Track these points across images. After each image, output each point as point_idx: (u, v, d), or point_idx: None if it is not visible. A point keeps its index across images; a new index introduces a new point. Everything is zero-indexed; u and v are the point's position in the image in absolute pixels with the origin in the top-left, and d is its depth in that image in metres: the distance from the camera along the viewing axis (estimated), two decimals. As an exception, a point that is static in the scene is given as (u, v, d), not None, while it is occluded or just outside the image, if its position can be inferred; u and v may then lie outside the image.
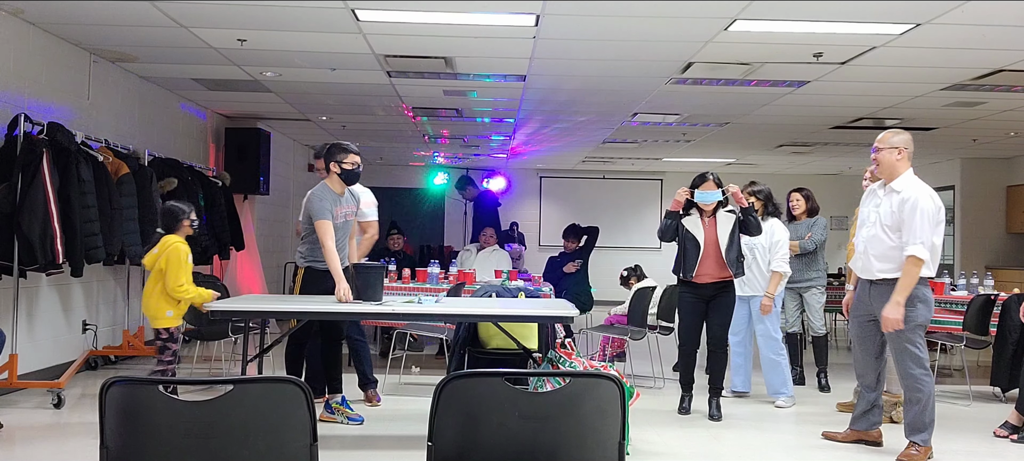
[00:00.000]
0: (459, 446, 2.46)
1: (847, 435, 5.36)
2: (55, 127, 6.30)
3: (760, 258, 6.67)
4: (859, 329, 5.22)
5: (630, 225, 17.19)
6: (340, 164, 5.49)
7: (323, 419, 5.65)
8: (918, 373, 4.89)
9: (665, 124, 10.76)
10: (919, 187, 4.95)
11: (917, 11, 5.80)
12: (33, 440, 5.29)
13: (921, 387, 4.88)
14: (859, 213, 5.31)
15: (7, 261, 6.08)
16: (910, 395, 4.94)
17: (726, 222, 6.03)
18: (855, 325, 5.26)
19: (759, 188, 6.86)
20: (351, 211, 5.63)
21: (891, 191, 5.01)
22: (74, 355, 7.16)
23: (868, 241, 5.05)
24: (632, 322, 7.63)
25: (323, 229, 5.34)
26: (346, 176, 5.50)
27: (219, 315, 5.08)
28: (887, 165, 5.02)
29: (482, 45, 6.99)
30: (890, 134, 5.08)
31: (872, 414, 5.28)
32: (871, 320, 5.11)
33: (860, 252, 5.11)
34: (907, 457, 4.91)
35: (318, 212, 5.39)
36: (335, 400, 5.71)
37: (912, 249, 4.80)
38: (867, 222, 5.11)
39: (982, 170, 13.80)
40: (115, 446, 2.30)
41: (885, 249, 4.96)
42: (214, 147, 10.55)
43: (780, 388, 6.69)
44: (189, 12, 6.15)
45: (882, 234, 4.98)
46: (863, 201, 5.27)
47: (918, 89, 8.32)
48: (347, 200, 5.62)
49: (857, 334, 5.26)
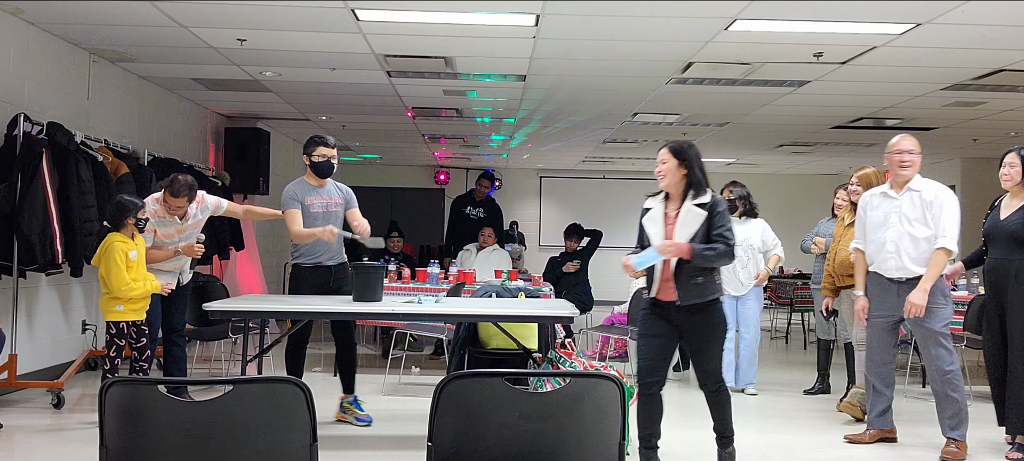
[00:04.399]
0: (459, 446, 2.46)
1: (873, 435, 5.40)
2: (55, 127, 6.30)
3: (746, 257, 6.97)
4: (878, 330, 5.26)
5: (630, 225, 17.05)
6: (310, 156, 5.58)
7: (339, 418, 5.73)
8: (953, 370, 5.00)
9: (665, 124, 10.76)
10: (941, 185, 5.15)
11: (917, 11, 5.80)
12: (33, 440, 5.28)
13: (957, 384, 5.00)
14: (867, 219, 5.28)
15: (7, 261, 6.07)
16: (946, 392, 5.01)
17: (692, 220, 4.35)
18: (874, 327, 5.27)
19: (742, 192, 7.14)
20: (334, 202, 5.62)
21: (911, 191, 5.10)
22: (74, 355, 7.15)
23: (899, 241, 5.08)
24: (632, 322, 7.63)
25: (288, 218, 5.51)
26: (315, 168, 5.57)
27: (219, 315, 5.07)
28: (916, 168, 5.17)
29: (482, 45, 6.99)
30: (911, 139, 5.18)
31: (890, 411, 5.38)
32: (891, 321, 5.17)
33: (891, 252, 5.11)
34: (950, 455, 4.98)
35: (283, 204, 5.56)
36: (347, 400, 5.74)
37: (944, 242, 4.96)
38: (889, 224, 5.13)
39: (982, 170, 13.76)
40: (115, 446, 2.30)
41: (918, 244, 5.04)
42: (214, 147, 10.55)
43: (752, 379, 7.14)
44: (189, 12, 6.14)
45: (912, 230, 5.05)
46: (872, 207, 5.26)
47: (918, 89, 8.32)
48: (328, 191, 5.62)
49: (876, 335, 5.28)
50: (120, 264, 5.24)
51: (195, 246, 5.74)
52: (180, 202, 5.57)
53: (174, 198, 5.54)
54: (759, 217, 7.22)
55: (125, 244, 5.30)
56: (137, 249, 5.38)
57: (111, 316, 5.35)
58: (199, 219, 5.81)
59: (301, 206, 5.51)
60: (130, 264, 5.29)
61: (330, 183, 5.67)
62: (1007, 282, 5.03)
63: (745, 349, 7.11)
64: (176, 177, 5.61)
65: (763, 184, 16.31)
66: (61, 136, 6.30)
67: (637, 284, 8.05)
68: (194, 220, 5.77)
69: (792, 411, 6.56)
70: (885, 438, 5.40)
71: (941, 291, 5.02)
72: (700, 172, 4.37)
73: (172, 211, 5.59)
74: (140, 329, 5.41)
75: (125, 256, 5.27)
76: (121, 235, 5.31)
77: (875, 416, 5.37)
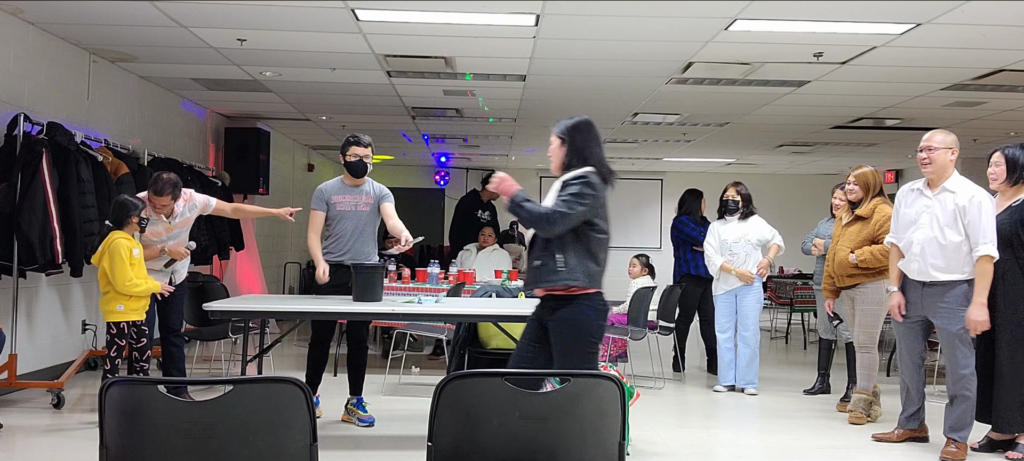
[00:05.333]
0: (459, 446, 2.46)
1: (901, 435, 5.41)
2: (55, 127, 6.30)
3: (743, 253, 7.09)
4: (907, 331, 5.26)
5: (630, 225, 17.18)
6: (344, 156, 5.63)
7: (344, 419, 5.73)
8: (968, 373, 4.99)
9: (665, 124, 10.77)
10: (977, 187, 5.04)
11: (917, 11, 5.80)
12: (33, 440, 5.28)
13: (970, 386, 4.99)
14: (900, 215, 5.25)
15: (7, 261, 6.07)
16: (959, 393, 5.00)
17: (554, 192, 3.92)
18: (903, 328, 5.27)
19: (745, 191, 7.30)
20: (364, 201, 5.62)
21: (944, 191, 5.03)
22: (74, 355, 7.15)
23: (926, 244, 5.04)
24: (632, 322, 7.63)
25: (309, 219, 5.62)
26: (349, 167, 5.61)
27: (219, 315, 5.07)
28: (940, 165, 5.06)
29: (482, 45, 6.99)
30: (940, 133, 5.12)
31: (921, 412, 5.37)
32: (920, 322, 5.17)
33: (916, 254, 5.08)
34: (949, 455, 4.99)
35: (312, 204, 5.65)
36: (352, 402, 5.75)
37: (984, 248, 4.86)
38: (919, 225, 5.08)
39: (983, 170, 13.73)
40: (115, 446, 2.30)
41: (945, 250, 4.97)
42: (214, 147, 10.55)
43: (753, 379, 7.13)
44: (189, 12, 6.14)
45: (941, 235, 4.99)
46: (907, 203, 5.19)
47: (918, 89, 8.32)
48: (363, 191, 5.64)
49: (902, 336, 5.29)
50: (125, 260, 5.26)
51: (181, 248, 5.73)
52: (165, 200, 5.54)
53: (158, 196, 5.51)
54: (755, 214, 7.28)
55: (129, 242, 5.33)
56: (139, 248, 5.40)
57: (112, 317, 5.36)
58: (187, 217, 5.79)
59: (326, 206, 5.58)
60: (133, 261, 5.31)
61: (368, 182, 5.67)
62: (995, 282, 4.99)
63: (744, 348, 7.12)
64: (159, 175, 5.60)
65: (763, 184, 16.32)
66: (61, 136, 6.30)
67: (637, 284, 8.09)
68: (182, 218, 5.74)
69: (792, 411, 6.56)
70: (915, 438, 5.39)
71: (966, 296, 4.97)
72: (579, 149, 3.93)
73: (158, 210, 5.57)
74: (140, 329, 5.41)
75: (129, 252, 5.30)
76: (124, 233, 5.33)
77: (905, 416, 5.39)
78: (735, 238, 7.13)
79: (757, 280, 7.14)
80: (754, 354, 7.13)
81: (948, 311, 4.98)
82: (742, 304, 7.12)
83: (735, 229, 7.16)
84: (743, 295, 7.11)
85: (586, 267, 3.76)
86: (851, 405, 6.12)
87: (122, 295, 5.31)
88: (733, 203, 7.17)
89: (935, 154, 5.06)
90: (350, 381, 5.76)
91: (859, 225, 5.99)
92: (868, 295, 6.01)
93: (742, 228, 7.13)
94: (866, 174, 6.07)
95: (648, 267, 8.42)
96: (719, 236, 7.21)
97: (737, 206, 7.15)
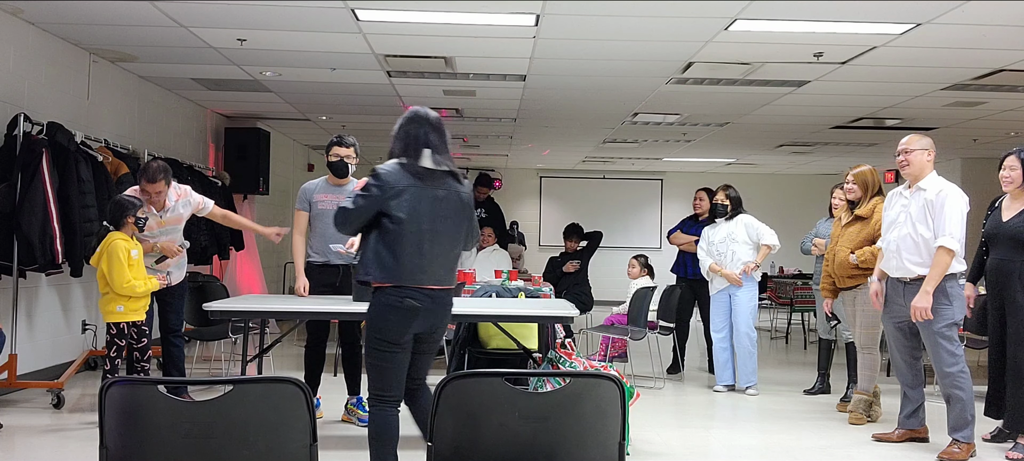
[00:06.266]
0: (459, 446, 2.46)
1: (901, 435, 5.42)
2: (55, 127, 6.30)
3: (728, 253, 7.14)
4: (896, 331, 5.30)
5: (630, 225, 17.19)
6: (326, 156, 5.68)
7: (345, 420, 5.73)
8: (956, 371, 4.98)
9: (665, 124, 10.76)
10: (948, 183, 5.10)
11: (917, 11, 5.80)
12: (33, 440, 5.28)
13: (960, 385, 4.98)
14: (884, 217, 5.37)
15: (7, 261, 6.07)
16: (949, 393, 5.01)
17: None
18: (892, 328, 5.32)
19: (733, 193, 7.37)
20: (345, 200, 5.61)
21: (918, 190, 5.11)
22: (74, 355, 7.15)
23: (901, 241, 5.11)
24: (632, 322, 7.63)
25: (294, 219, 5.68)
26: (331, 168, 5.66)
27: (219, 315, 5.07)
28: (917, 166, 5.15)
29: (482, 45, 6.99)
30: (915, 137, 5.21)
31: (920, 411, 5.39)
32: (906, 321, 5.19)
33: (892, 252, 5.16)
34: (949, 455, 4.99)
35: (296, 203, 5.73)
36: (351, 402, 5.75)
37: (943, 240, 4.91)
38: (897, 224, 5.17)
39: (983, 170, 13.74)
40: (115, 446, 2.30)
41: (918, 246, 5.03)
42: (214, 147, 10.55)
43: (751, 377, 7.10)
44: (189, 12, 6.14)
45: (913, 231, 5.06)
46: (890, 205, 5.31)
47: (918, 89, 8.32)
48: (344, 190, 5.58)
49: (892, 337, 5.34)
50: (123, 261, 5.24)
51: (175, 246, 5.70)
52: (158, 186, 5.48)
53: (151, 183, 5.46)
54: (742, 213, 7.29)
55: (127, 243, 5.30)
56: (137, 248, 5.38)
57: (111, 317, 5.35)
58: (181, 213, 5.74)
59: (308, 205, 5.61)
60: (131, 262, 5.29)
61: (353, 182, 5.64)
62: (1010, 282, 5.05)
63: (739, 345, 7.11)
64: (149, 163, 5.57)
65: (763, 184, 16.38)
66: (61, 136, 6.30)
67: (637, 284, 8.09)
68: (175, 213, 5.70)
69: (792, 411, 6.55)
70: (915, 438, 5.39)
71: (944, 291, 4.98)
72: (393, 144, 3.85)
73: (151, 199, 5.53)
74: (140, 329, 5.41)
75: (127, 253, 5.27)
76: (122, 234, 5.31)
77: (904, 416, 5.41)
78: (721, 238, 7.21)
79: (750, 279, 7.15)
80: (750, 352, 7.11)
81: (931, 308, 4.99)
82: (734, 300, 7.16)
83: (721, 229, 7.24)
84: (736, 294, 7.15)
85: (380, 260, 3.67)
86: (851, 405, 6.12)
87: (121, 296, 5.32)
88: (722, 207, 7.24)
89: (912, 155, 5.16)
90: (347, 381, 5.77)
91: (859, 225, 5.99)
92: (868, 296, 6.01)
93: (727, 228, 7.20)
94: (865, 173, 6.07)
95: (647, 267, 8.43)
96: (708, 239, 7.32)
97: (726, 210, 7.23)
